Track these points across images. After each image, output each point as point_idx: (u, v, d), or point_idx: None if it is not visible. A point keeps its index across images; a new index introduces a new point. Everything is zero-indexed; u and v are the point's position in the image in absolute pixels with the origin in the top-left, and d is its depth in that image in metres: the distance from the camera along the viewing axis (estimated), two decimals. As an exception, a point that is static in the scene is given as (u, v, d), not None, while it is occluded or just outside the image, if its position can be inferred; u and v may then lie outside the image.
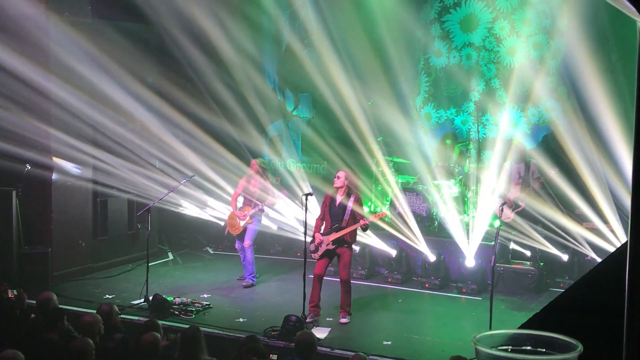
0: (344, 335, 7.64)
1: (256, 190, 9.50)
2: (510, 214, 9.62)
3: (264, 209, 9.64)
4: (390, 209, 10.64)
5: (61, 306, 6.88)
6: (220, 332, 7.59)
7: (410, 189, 10.69)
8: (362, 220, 8.04)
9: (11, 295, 7.10)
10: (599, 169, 9.73)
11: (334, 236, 8.13)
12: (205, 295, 9.04)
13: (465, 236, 9.82)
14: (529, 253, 9.67)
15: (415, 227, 10.05)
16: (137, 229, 11.06)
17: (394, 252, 10.14)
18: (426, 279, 9.84)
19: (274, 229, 10.97)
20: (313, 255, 8.20)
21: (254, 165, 9.62)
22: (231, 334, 7.51)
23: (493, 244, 7.72)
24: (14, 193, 9.41)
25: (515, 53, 11.18)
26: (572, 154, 9.86)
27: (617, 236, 9.24)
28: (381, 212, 8.57)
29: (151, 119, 10.79)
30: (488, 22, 11.30)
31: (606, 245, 9.25)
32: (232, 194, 9.97)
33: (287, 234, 11.04)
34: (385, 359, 6.90)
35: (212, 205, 11.59)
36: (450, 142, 11.20)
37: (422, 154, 11.07)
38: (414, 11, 11.70)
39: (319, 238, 8.19)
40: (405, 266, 10.18)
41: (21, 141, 9.34)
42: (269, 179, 9.67)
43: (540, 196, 9.69)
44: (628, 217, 2.64)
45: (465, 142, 11.30)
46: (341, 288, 8.17)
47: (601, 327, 3.19)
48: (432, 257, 9.90)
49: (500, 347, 3.00)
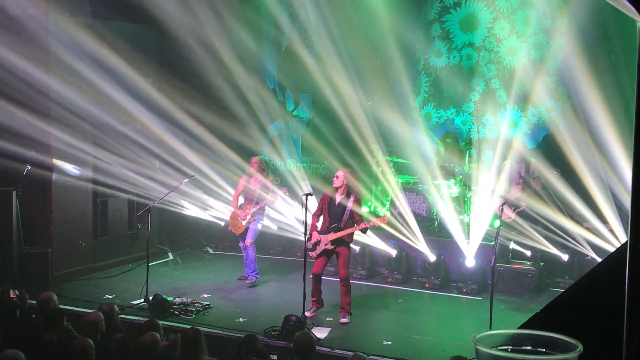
0: (344, 335, 7.64)
1: (256, 189, 9.49)
2: (511, 214, 9.62)
3: (265, 207, 9.64)
4: (390, 209, 10.65)
5: (61, 306, 6.87)
6: (220, 332, 7.59)
7: (410, 188, 10.69)
8: (363, 224, 8.06)
9: (13, 295, 7.09)
10: (599, 169, 9.73)
11: (332, 236, 8.13)
12: (205, 295, 9.04)
13: (465, 236, 9.82)
14: (529, 253, 9.67)
15: (416, 227, 10.06)
16: (137, 229, 11.05)
17: (394, 252, 10.14)
18: (426, 279, 9.85)
19: (274, 228, 10.96)
20: (310, 253, 8.19)
21: (254, 163, 9.60)
22: (231, 334, 7.51)
23: (493, 244, 7.72)
24: (14, 193, 9.40)
25: (515, 53, 11.17)
26: (572, 154, 9.86)
27: (617, 236, 9.23)
28: (384, 217, 8.54)
29: (151, 118, 10.79)
30: (488, 22, 11.30)
31: (606, 245, 9.26)
32: (232, 193, 9.96)
33: (287, 234, 11.03)
34: (385, 359, 6.90)
35: (212, 205, 11.59)
36: (450, 142, 11.19)
37: (422, 154, 11.07)
38: (414, 11, 11.71)
39: (316, 237, 8.19)
40: (405, 266, 10.18)
41: (21, 141, 9.34)
42: (270, 177, 9.66)
43: (541, 197, 9.69)
44: (628, 217, 2.64)
45: (465, 142, 11.29)
46: (340, 287, 8.17)
47: (601, 327, 3.19)
48: (432, 257, 9.89)
49: (500, 347, 3.01)
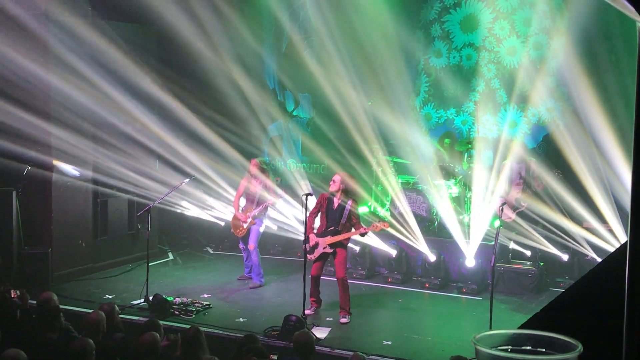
0: (344, 335, 7.64)
1: (257, 191, 9.46)
2: (511, 215, 9.62)
3: (267, 208, 9.61)
4: (390, 209, 10.65)
5: (61, 306, 6.86)
6: (220, 332, 7.59)
7: (410, 188, 10.69)
8: (362, 229, 8.16)
9: (14, 295, 7.08)
10: (600, 169, 9.72)
11: (330, 240, 8.15)
12: (205, 295, 9.03)
13: (465, 236, 9.82)
14: (529, 253, 9.67)
15: (416, 227, 10.06)
16: (137, 229, 11.05)
17: (394, 252, 10.14)
18: (426, 279, 9.84)
19: (274, 229, 10.96)
20: (309, 256, 8.17)
21: (254, 165, 9.57)
22: (231, 334, 7.51)
23: (493, 244, 7.72)
24: (14, 193, 9.40)
25: (515, 53, 11.18)
26: (571, 154, 9.86)
27: (617, 236, 9.23)
28: (383, 222, 8.54)
29: (151, 118, 10.78)
30: (488, 22, 11.30)
31: (606, 245, 9.25)
32: (232, 193, 9.93)
33: (287, 234, 11.03)
34: (385, 359, 6.90)
35: (212, 205, 11.58)
36: (450, 142, 11.19)
37: (422, 154, 11.07)
38: (414, 11, 11.71)
39: (313, 239, 8.19)
40: (406, 266, 10.18)
41: (21, 141, 9.33)
42: (270, 178, 9.63)
43: (541, 197, 9.68)
44: (628, 217, 2.64)
45: (465, 142, 11.29)
46: (339, 287, 8.19)
47: (601, 327, 3.19)
48: (432, 257, 9.89)
49: (500, 347, 3.01)
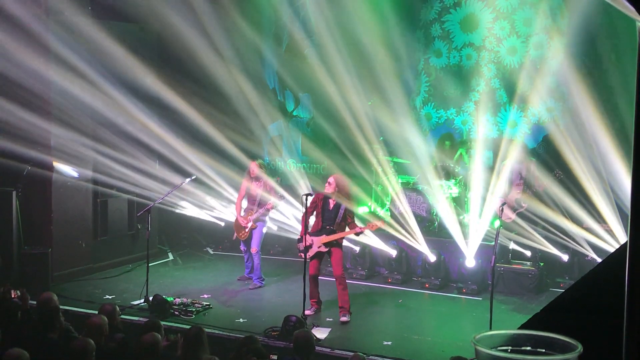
0: (344, 335, 7.64)
1: (258, 193, 9.44)
2: (511, 215, 9.61)
3: (268, 211, 9.58)
4: (390, 209, 10.64)
5: (61, 306, 6.86)
6: (220, 332, 7.59)
7: (411, 188, 10.69)
8: (357, 228, 8.19)
9: (14, 295, 7.08)
10: (600, 169, 9.72)
11: (325, 239, 8.18)
12: (205, 296, 9.03)
13: (465, 236, 9.82)
14: (529, 253, 9.66)
15: (416, 227, 10.06)
16: (137, 229, 11.04)
17: (394, 252, 10.14)
18: (426, 279, 9.84)
19: (274, 229, 10.95)
20: (301, 254, 8.18)
21: (253, 168, 9.48)
22: (231, 334, 7.51)
23: (493, 244, 7.72)
24: (14, 193, 9.39)
25: (515, 53, 11.18)
26: (571, 154, 9.85)
27: (616, 237, 9.23)
28: (379, 221, 8.54)
29: (151, 117, 10.77)
30: (488, 22, 11.29)
31: (606, 245, 9.25)
32: (232, 193, 9.91)
33: (288, 234, 11.02)
34: (385, 359, 6.90)
35: (212, 205, 11.58)
36: (450, 142, 11.19)
37: (422, 154, 11.06)
38: (414, 11, 11.70)
39: (308, 239, 8.17)
40: (406, 266, 10.18)
41: (21, 141, 9.33)
42: (270, 180, 9.61)
43: (541, 197, 9.67)
44: (628, 217, 2.64)
45: (465, 142, 11.29)
46: (337, 285, 8.20)
47: (601, 327, 3.18)
48: (432, 257, 9.89)
49: (500, 348, 3.01)
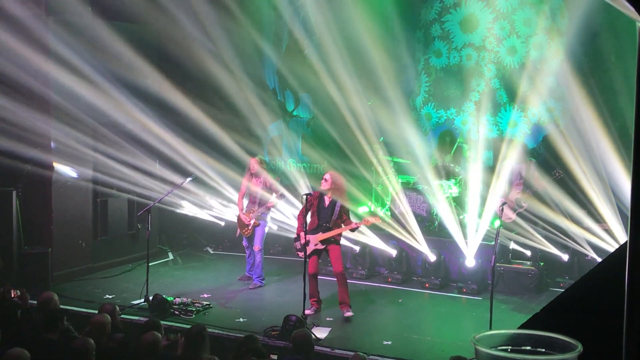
0: (344, 335, 7.64)
1: (258, 190, 9.44)
2: (511, 215, 9.61)
3: (269, 209, 9.57)
4: (391, 208, 10.64)
5: (62, 306, 6.87)
6: (220, 332, 7.58)
7: (411, 188, 10.69)
8: (352, 224, 8.20)
9: (14, 295, 7.09)
10: (600, 169, 9.72)
11: (321, 236, 8.19)
12: (205, 295, 9.03)
13: (465, 236, 9.82)
14: (529, 253, 9.67)
15: (416, 227, 10.06)
16: (137, 229, 11.05)
17: (394, 252, 10.14)
18: (426, 278, 9.84)
19: (274, 228, 10.96)
20: (299, 253, 8.21)
21: (254, 163, 9.52)
22: (231, 334, 7.51)
23: (493, 243, 7.72)
24: (14, 193, 9.40)
25: (515, 53, 11.17)
26: (571, 154, 9.85)
27: (615, 237, 9.23)
28: (374, 217, 8.55)
29: (151, 117, 10.77)
30: (488, 22, 11.29)
31: (606, 245, 9.25)
32: (232, 192, 9.90)
33: (288, 234, 11.02)
34: (385, 359, 6.90)
35: (212, 205, 11.57)
36: (449, 138, 11.18)
37: (422, 154, 11.05)
38: (414, 11, 11.70)
39: (304, 237, 8.16)
40: (406, 266, 10.18)
41: (22, 141, 9.33)
42: (270, 177, 9.61)
43: (541, 197, 9.67)
44: (628, 217, 2.64)
45: (465, 142, 11.28)
46: (338, 282, 8.24)
47: (601, 327, 3.18)
48: (432, 257, 9.89)
49: (500, 347, 3.01)
